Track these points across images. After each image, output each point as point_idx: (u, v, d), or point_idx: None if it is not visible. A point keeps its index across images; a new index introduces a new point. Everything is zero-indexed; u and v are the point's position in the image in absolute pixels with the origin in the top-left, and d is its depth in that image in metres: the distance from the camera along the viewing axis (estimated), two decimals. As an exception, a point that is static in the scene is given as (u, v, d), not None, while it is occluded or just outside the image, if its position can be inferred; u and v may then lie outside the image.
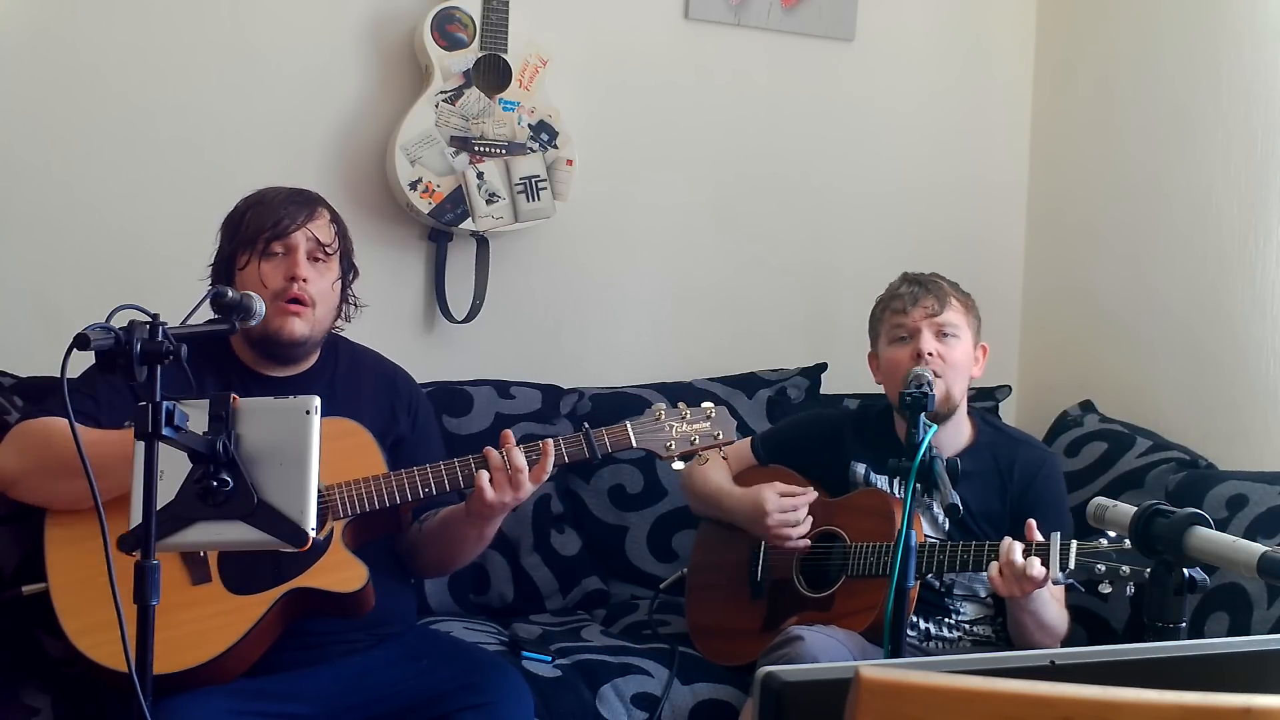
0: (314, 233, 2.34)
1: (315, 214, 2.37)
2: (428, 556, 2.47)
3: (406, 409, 2.51)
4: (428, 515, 2.45)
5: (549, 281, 3.37)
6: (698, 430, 2.37)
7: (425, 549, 2.45)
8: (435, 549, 2.44)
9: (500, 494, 2.25)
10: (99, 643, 2.09)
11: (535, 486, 2.28)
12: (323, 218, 2.38)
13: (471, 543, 2.39)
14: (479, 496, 2.25)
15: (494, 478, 2.25)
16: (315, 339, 2.37)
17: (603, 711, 2.50)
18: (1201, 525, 1.45)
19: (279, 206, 2.34)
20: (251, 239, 2.32)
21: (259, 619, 2.15)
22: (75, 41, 2.99)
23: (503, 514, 2.32)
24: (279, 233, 2.31)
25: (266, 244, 2.31)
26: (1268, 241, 2.99)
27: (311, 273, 2.33)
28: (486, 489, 2.24)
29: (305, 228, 2.33)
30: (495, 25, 3.12)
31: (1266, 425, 2.97)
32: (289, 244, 2.32)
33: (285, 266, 2.31)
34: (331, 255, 2.37)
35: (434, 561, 2.49)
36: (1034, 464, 2.64)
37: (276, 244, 2.32)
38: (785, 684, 1.02)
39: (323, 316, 2.36)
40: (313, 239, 2.34)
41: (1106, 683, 0.97)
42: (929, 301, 2.57)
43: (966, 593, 2.60)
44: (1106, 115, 3.47)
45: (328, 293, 2.36)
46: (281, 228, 2.32)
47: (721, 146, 3.50)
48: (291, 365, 2.40)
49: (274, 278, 2.31)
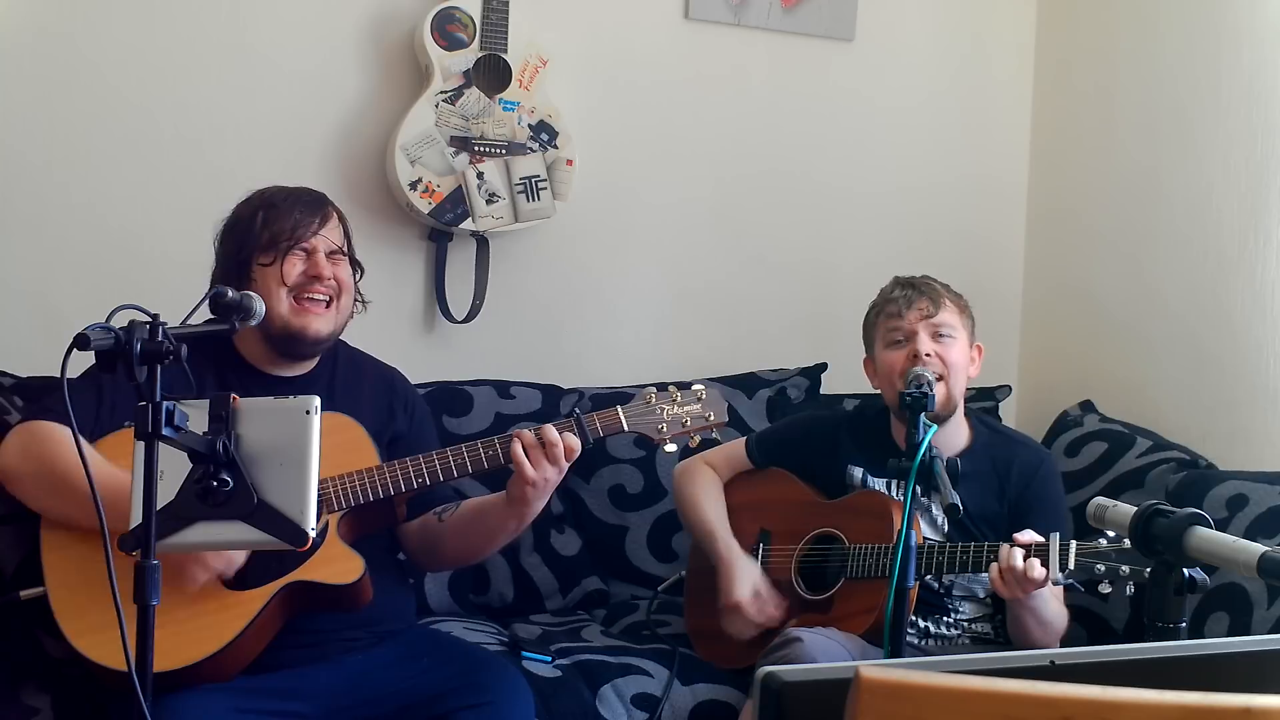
0: (330, 236, 2.37)
1: (328, 217, 2.39)
2: (453, 548, 2.45)
3: (404, 407, 2.52)
4: (445, 507, 2.44)
5: (549, 281, 3.37)
6: (689, 412, 2.38)
7: (451, 540, 2.43)
8: (464, 540, 2.43)
9: (540, 470, 2.24)
10: (98, 643, 2.09)
11: (570, 462, 2.27)
12: (333, 219, 2.41)
13: (510, 532, 2.40)
14: (520, 477, 2.25)
15: (530, 455, 2.25)
16: (336, 334, 2.40)
17: (603, 711, 2.50)
18: (1201, 525, 1.45)
19: (293, 211, 2.35)
20: (270, 244, 2.32)
21: (257, 613, 2.16)
22: (76, 41, 2.99)
23: (545, 496, 2.30)
24: (298, 239, 2.33)
25: (287, 250, 2.33)
26: (1268, 241, 2.99)
27: (333, 270, 2.36)
28: (526, 467, 2.24)
29: (322, 233, 2.36)
30: (495, 25, 3.12)
31: (1266, 425, 2.97)
32: (309, 247, 2.35)
33: (308, 266, 2.34)
34: (345, 256, 2.41)
35: (460, 553, 2.48)
36: (1031, 465, 2.64)
37: (296, 249, 2.34)
38: (785, 684, 1.02)
39: (344, 310, 2.39)
40: (330, 243, 2.37)
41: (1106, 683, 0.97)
42: (923, 303, 2.57)
43: (965, 593, 2.60)
44: (1106, 115, 3.47)
45: (349, 284, 2.40)
46: (300, 234, 2.33)
47: (721, 146, 3.50)
48: (305, 363, 2.41)
49: (294, 275, 2.33)
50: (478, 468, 2.30)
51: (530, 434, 2.27)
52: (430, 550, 2.47)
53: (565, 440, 2.25)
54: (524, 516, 2.34)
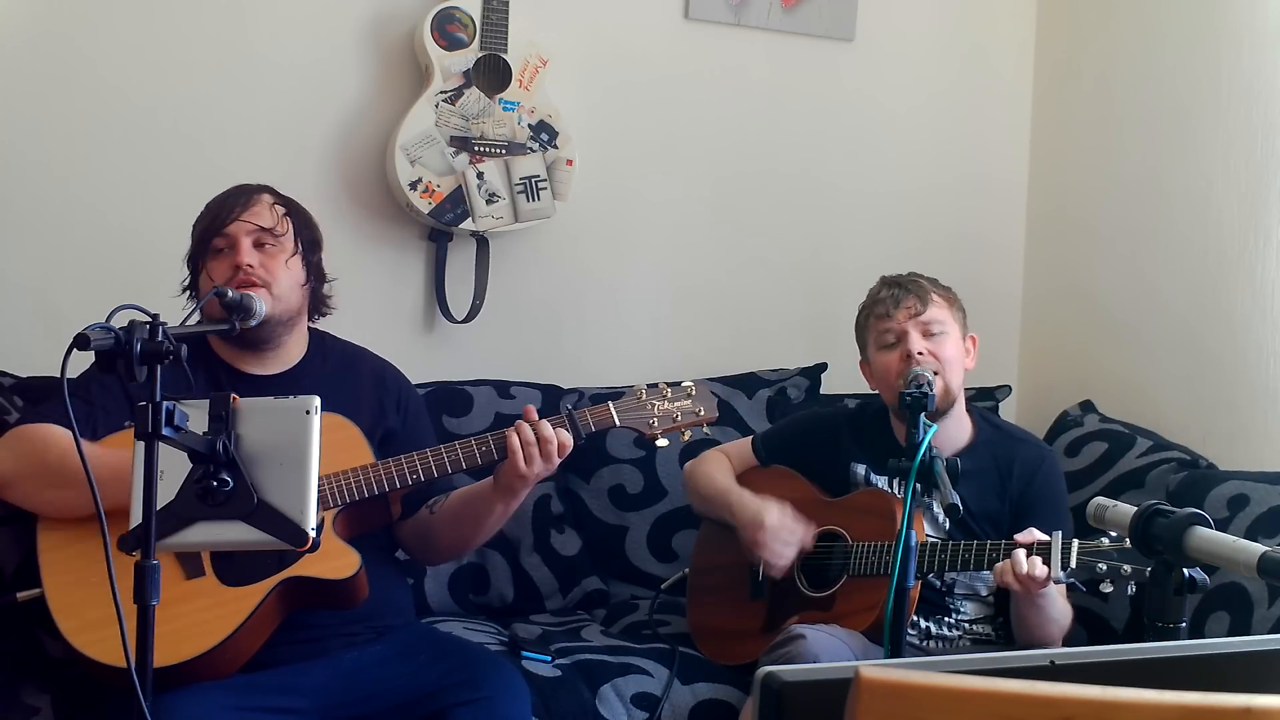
0: (253, 220, 2.35)
1: (251, 201, 2.38)
2: (445, 539, 2.47)
3: (396, 403, 2.52)
4: (436, 500, 2.46)
5: (549, 281, 3.37)
6: (680, 408, 2.40)
7: (442, 531, 2.46)
8: (455, 529, 2.45)
9: (532, 466, 2.28)
10: (97, 639, 2.09)
11: (562, 459, 2.30)
12: (261, 203, 2.38)
13: (497, 517, 2.41)
14: (512, 469, 2.27)
15: (525, 452, 2.27)
16: (280, 318, 2.36)
17: (603, 711, 2.50)
18: (1201, 525, 1.45)
19: (216, 205, 2.38)
20: (199, 242, 2.36)
21: (254, 609, 2.16)
22: (75, 39, 2.99)
23: (531, 486, 2.34)
24: (216, 228, 2.34)
25: (209, 242, 2.34)
26: (1268, 241, 2.98)
27: (258, 257, 2.33)
28: (520, 461, 2.27)
29: (241, 219, 2.34)
30: (495, 25, 3.12)
31: (1266, 425, 2.97)
32: (229, 237, 2.34)
33: (229, 259, 2.33)
34: (280, 236, 2.37)
35: (453, 543, 2.50)
36: (1034, 462, 2.64)
37: (218, 240, 2.34)
38: (785, 684, 1.02)
39: (284, 295, 2.35)
40: (253, 227, 2.34)
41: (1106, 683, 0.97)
42: (910, 302, 2.58)
43: (967, 592, 2.60)
44: (1106, 115, 3.47)
45: (282, 272, 2.36)
46: (219, 222, 2.34)
47: (721, 146, 3.50)
48: (268, 352, 2.40)
49: (221, 271, 2.32)
50: (471, 464, 2.32)
51: (529, 429, 2.28)
52: (425, 544, 2.50)
53: (558, 436, 2.28)
54: (510, 504, 2.38)
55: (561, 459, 2.31)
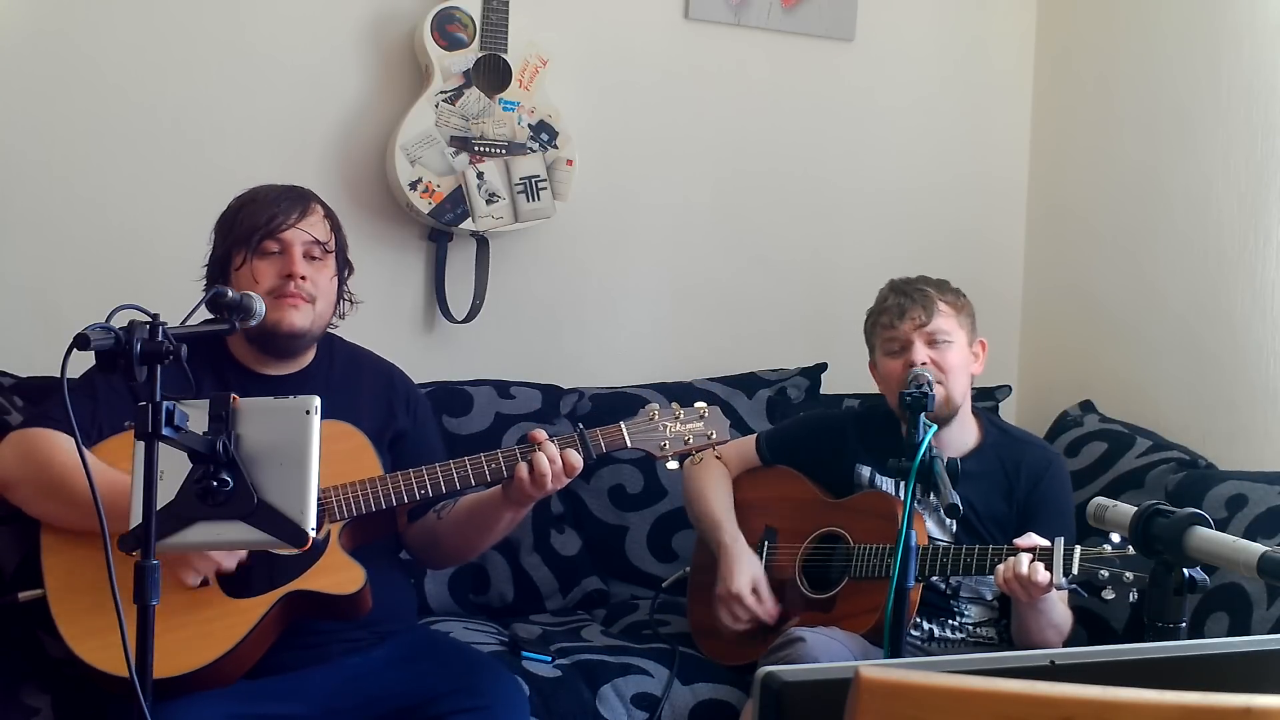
0: (309, 230, 2.33)
1: (309, 210, 2.35)
2: (451, 544, 2.46)
3: (404, 405, 2.51)
4: (444, 505, 2.44)
5: (549, 281, 3.37)
6: (692, 430, 2.38)
7: (448, 536, 2.44)
8: (461, 535, 2.44)
9: (541, 486, 2.27)
10: (98, 647, 2.08)
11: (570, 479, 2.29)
12: (317, 214, 2.36)
13: (504, 525, 2.41)
14: (520, 487, 2.27)
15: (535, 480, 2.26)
16: (314, 333, 2.36)
17: (603, 711, 2.51)
18: (1201, 525, 1.45)
19: (272, 203, 2.33)
20: (245, 237, 2.30)
21: (257, 622, 2.15)
22: (76, 39, 2.99)
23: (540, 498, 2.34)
24: (272, 230, 2.30)
25: (260, 242, 2.30)
26: (1268, 241, 2.98)
27: (309, 270, 2.32)
28: (528, 487, 2.26)
29: (299, 225, 2.32)
30: (495, 25, 3.12)
31: (1266, 425, 2.97)
32: (284, 241, 2.31)
33: (281, 264, 2.30)
34: (329, 253, 2.37)
35: (459, 548, 2.49)
36: (1040, 465, 2.64)
37: (270, 242, 2.30)
38: (785, 684, 1.02)
39: (322, 312, 2.35)
40: (309, 237, 2.32)
41: (1106, 683, 0.97)
42: (915, 312, 2.57)
43: (972, 595, 2.60)
44: (1106, 114, 3.47)
45: (327, 288, 2.35)
46: (275, 225, 2.30)
47: (721, 146, 3.50)
48: (290, 360, 2.39)
49: (269, 275, 2.29)
50: (480, 481, 2.30)
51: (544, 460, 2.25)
52: (431, 547, 2.48)
53: (567, 459, 2.27)
54: (519, 513, 2.39)
55: (570, 479, 2.30)
